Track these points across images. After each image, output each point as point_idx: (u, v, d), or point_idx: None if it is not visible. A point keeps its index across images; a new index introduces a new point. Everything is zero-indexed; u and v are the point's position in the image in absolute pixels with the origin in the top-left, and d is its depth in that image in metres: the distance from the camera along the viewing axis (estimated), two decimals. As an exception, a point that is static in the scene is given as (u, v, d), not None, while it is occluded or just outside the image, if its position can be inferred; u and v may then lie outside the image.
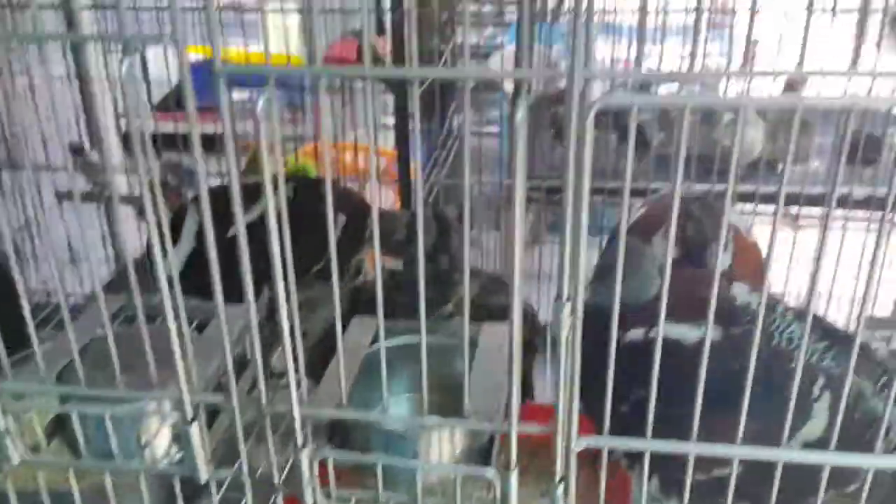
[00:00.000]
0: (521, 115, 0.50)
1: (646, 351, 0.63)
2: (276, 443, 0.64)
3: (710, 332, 0.59)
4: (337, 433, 0.73)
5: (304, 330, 0.94)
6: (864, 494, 0.64)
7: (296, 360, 0.60)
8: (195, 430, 0.60)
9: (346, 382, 0.65)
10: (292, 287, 0.59)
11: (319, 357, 0.94)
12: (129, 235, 0.93)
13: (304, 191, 1.14)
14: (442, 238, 1.29)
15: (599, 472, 0.66)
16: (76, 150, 1.47)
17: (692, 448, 0.63)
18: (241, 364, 0.75)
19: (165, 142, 1.48)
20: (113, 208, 1.54)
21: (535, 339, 1.30)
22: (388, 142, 1.72)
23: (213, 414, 0.74)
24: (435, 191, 1.48)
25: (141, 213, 0.62)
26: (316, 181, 1.32)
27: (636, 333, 0.89)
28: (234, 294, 0.60)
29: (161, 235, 0.60)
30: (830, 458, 0.65)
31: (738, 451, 0.63)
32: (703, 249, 1.18)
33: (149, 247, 0.60)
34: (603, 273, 0.93)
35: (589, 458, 0.73)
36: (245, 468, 0.63)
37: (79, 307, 1.45)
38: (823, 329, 0.88)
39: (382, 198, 1.60)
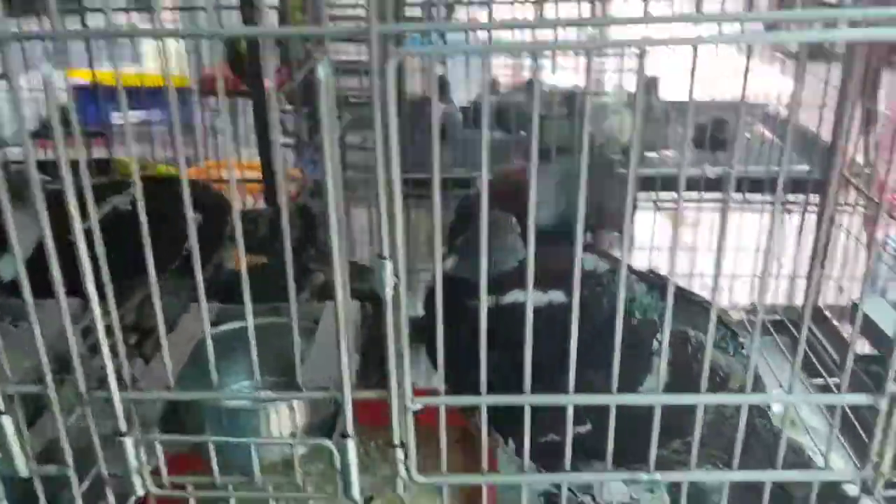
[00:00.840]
0: (322, 71, 0.50)
1: (496, 317, 0.64)
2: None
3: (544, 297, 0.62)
4: (171, 421, 0.71)
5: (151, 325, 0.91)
6: (697, 428, 0.66)
7: (114, 348, 0.58)
8: (7, 422, 0.57)
9: (175, 365, 0.63)
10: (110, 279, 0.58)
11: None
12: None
13: (155, 190, 1.10)
14: (308, 232, 1.29)
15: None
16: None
17: (526, 399, 0.64)
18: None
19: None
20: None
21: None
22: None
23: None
24: (307, 186, 1.47)
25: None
26: (167, 180, 1.27)
27: (489, 301, 0.90)
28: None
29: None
30: (662, 399, 0.67)
31: (571, 399, 0.64)
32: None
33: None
34: (465, 247, 0.94)
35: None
36: (70, 461, 0.60)
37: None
38: (664, 288, 0.92)
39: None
